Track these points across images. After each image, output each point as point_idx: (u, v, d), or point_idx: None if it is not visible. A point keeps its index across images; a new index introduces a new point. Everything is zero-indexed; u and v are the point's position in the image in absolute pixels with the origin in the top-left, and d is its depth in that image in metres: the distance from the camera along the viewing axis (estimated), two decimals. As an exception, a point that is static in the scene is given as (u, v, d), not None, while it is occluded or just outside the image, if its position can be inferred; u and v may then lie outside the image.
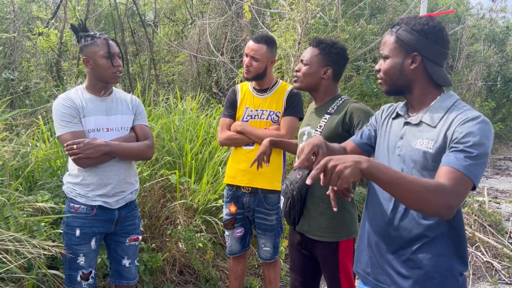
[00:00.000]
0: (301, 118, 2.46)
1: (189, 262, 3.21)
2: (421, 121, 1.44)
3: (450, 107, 1.40)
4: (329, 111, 2.01)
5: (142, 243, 3.02)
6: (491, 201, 6.19)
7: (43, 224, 2.35)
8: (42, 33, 6.21)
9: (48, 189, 2.76)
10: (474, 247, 4.35)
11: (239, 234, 2.64)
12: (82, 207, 2.12)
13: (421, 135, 1.41)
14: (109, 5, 8.10)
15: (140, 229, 2.37)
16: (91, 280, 2.17)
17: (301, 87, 2.10)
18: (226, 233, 2.68)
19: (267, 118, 2.52)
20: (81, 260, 2.12)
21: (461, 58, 11.24)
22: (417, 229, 1.42)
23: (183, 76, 8.00)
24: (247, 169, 2.50)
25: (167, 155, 3.66)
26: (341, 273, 2.00)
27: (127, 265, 2.29)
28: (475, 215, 4.99)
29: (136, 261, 2.35)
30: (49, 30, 6.41)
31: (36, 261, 1.99)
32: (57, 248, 2.02)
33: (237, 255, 2.68)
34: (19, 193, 2.38)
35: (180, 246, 3.15)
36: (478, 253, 4.23)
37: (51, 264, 2.46)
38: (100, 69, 2.11)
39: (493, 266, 4.04)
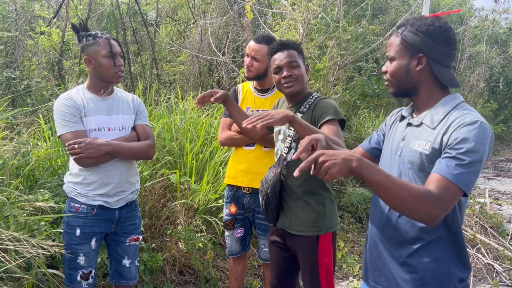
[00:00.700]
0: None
1: (189, 262, 3.21)
2: (421, 123, 1.43)
3: (451, 110, 1.38)
4: (301, 110, 2.05)
5: (142, 242, 3.02)
6: (492, 203, 6.17)
7: (43, 223, 2.35)
8: (44, 32, 6.21)
9: (49, 188, 2.76)
10: (475, 249, 4.34)
11: (239, 235, 2.63)
12: (83, 206, 2.12)
13: (420, 136, 1.40)
14: (111, 4, 8.10)
15: (141, 229, 2.37)
16: (91, 280, 2.17)
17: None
18: (226, 233, 2.68)
19: None
20: (81, 260, 2.12)
21: (463, 59, 11.22)
22: (413, 231, 1.41)
23: (185, 76, 8.00)
24: (247, 169, 2.50)
25: (168, 155, 3.66)
26: (320, 267, 2.00)
27: (127, 265, 2.29)
28: (476, 217, 4.98)
29: (136, 261, 2.35)
30: (51, 29, 6.42)
31: (36, 260, 1.98)
32: (56, 247, 2.02)
33: (237, 255, 2.68)
34: (19, 192, 2.38)
35: (180, 246, 3.14)
36: (479, 255, 4.21)
37: (50, 263, 2.45)
38: (102, 69, 2.10)
39: (494, 268, 4.03)
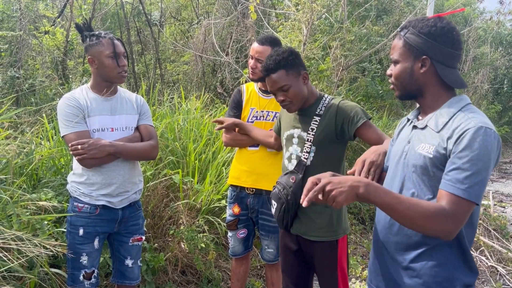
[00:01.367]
0: None
1: (191, 262, 3.21)
2: (426, 126, 1.41)
3: (456, 113, 1.35)
4: (317, 112, 1.99)
5: (144, 242, 3.02)
6: (496, 205, 6.15)
7: (46, 222, 2.35)
8: (48, 32, 6.23)
9: (52, 187, 2.76)
10: (478, 251, 4.32)
11: (242, 235, 2.63)
12: (86, 206, 2.12)
13: (425, 139, 1.38)
14: (115, 4, 8.12)
15: (144, 229, 2.36)
16: (93, 280, 2.17)
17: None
18: (229, 234, 2.67)
19: (272, 120, 2.50)
20: (84, 260, 2.12)
21: (467, 61, 11.19)
22: (417, 235, 1.39)
23: (188, 76, 8.01)
24: (251, 170, 2.49)
25: (171, 155, 3.66)
26: (338, 271, 2.02)
27: (130, 265, 2.28)
28: (480, 219, 4.96)
29: (139, 261, 2.34)
30: (55, 29, 6.44)
31: (38, 260, 1.98)
32: (59, 247, 2.02)
33: (239, 256, 2.67)
34: (22, 191, 2.38)
35: (182, 246, 3.14)
36: (482, 258, 4.19)
37: (53, 262, 2.46)
38: (106, 69, 2.10)
39: (498, 271, 4.01)
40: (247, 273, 2.78)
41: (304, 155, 1.98)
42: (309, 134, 1.97)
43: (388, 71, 1.49)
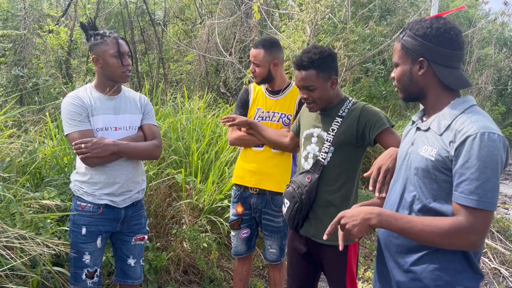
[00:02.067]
0: None
1: (193, 262, 3.21)
2: (429, 128, 1.39)
3: (459, 115, 1.32)
4: (340, 114, 1.98)
5: (147, 241, 3.02)
6: (499, 207, 6.12)
7: (49, 221, 2.36)
8: (52, 31, 6.25)
9: (55, 186, 2.77)
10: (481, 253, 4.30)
11: (245, 235, 2.62)
12: (89, 205, 2.12)
13: (427, 142, 1.37)
14: (119, 4, 8.14)
15: (146, 228, 2.36)
16: (96, 279, 2.17)
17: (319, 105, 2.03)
18: (232, 233, 2.67)
19: (278, 121, 2.50)
20: (87, 259, 2.12)
21: (471, 62, 11.15)
22: None
23: (191, 75, 8.02)
24: (255, 169, 2.49)
25: (174, 154, 3.66)
26: (347, 275, 2.00)
27: (133, 264, 2.29)
28: (483, 221, 4.94)
29: (141, 261, 2.34)
30: (59, 28, 6.45)
31: (41, 258, 1.99)
32: (62, 245, 2.02)
33: (242, 256, 2.67)
34: (26, 189, 2.39)
35: (185, 245, 3.14)
36: (485, 259, 4.18)
37: (56, 261, 2.46)
38: (110, 68, 2.10)
39: (501, 273, 3.99)
40: (250, 273, 2.78)
41: (322, 154, 1.96)
42: (329, 134, 1.96)
43: (392, 74, 1.50)
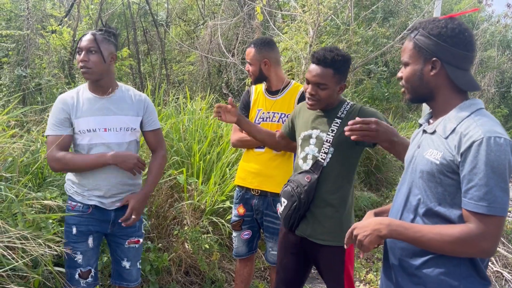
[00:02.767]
0: None
1: (195, 263, 3.20)
2: (435, 131, 1.38)
3: (465, 118, 1.30)
4: (339, 115, 1.99)
5: (148, 242, 3.01)
6: (502, 209, 6.09)
7: (51, 221, 2.36)
8: (55, 31, 6.26)
9: (57, 186, 2.76)
10: (484, 256, 4.29)
11: (246, 237, 2.62)
12: (79, 204, 2.11)
13: (433, 145, 1.35)
14: (122, 4, 8.15)
15: (142, 231, 2.29)
16: (90, 279, 2.14)
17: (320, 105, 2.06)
18: (234, 234, 2.66)
19: (278, 121, 2.49)
20: (79, 258, 2.10)
21: (474, 64, 11.13)
22: None
23: (194, 76, 8.02)
24: (257, 171, 2.49)
25: (176, 155, 3.66)
26: (345, 275, 2.00)
27: (127, 267, 2.24)
28: (486, 223, 4.91)
29: (138, 264, 2.29)
30: (62, 28, 6.46)
31: (43, 258, 1.98)
32: (63, 246, 2.02)
33: (243, 257, 2.66)
34: (28, 189, 2.38)
35: (186, 246, 3.14)
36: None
37: (57, 261, 2.45)
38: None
39: (503, 276, 3.97)
40: (251, 275, 2.77)
41: (321, 155, 1.97)
42: (329, 135, 1.97)
43: (399, 74, 1.46)
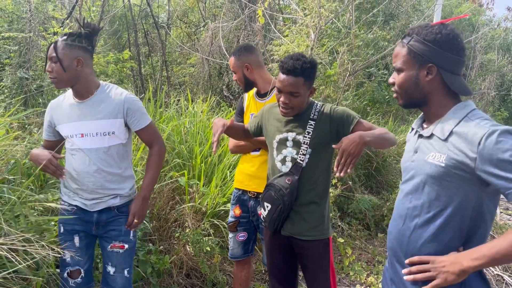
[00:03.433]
0: None
1: (196, 265, 3.20)
2: (432, 134, 1.39)
3: (462, 119, 1.33)
4: (312, 117, 2.06)
5: (150, 244, 3.02)
6: (502, 213, 6.10)
7: (53, 223, 2.36)
8: (57, 33, 6.26)
9: (59, 188, 2.77)
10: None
11: (242, 239, 2.62)
12: (66, 204, 2.15)
13: (433, 148, 1.36)
14: (123, 6, 8.17)
15: (130, 237, 2.18)
16: (79, 280, 2.14)
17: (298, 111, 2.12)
18: (230, 235, 2.67)
19: None
20: (67, 257, 2.10)
21: (474, 67, 11.15)
22: (426, 248, 1.38)
23: (195, 78, 8.03)
24: (254, 174, 2.51)
25: (177, 157, 3.66)
26: (330, 268, 2.12)
27: (111, 272, 2.15)
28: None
29: (125, 271, 2.17)
30: (64, 30, 6.48)
31: (45, 261, 1.99)
32: (65, 248, 2.02)
33: (239, 259, 2.66)
34: (30, 191, 2.39)
35: (188, 249, 3.14)
36: (488, 266, 4.16)
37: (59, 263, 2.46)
38: None
39: (504, 279, 3.97)
40: (249, 278, 2.77)
41: (300, 157, 2.04)
42: (306, 137, 2.04)
43: (391, 80, 1.47)
